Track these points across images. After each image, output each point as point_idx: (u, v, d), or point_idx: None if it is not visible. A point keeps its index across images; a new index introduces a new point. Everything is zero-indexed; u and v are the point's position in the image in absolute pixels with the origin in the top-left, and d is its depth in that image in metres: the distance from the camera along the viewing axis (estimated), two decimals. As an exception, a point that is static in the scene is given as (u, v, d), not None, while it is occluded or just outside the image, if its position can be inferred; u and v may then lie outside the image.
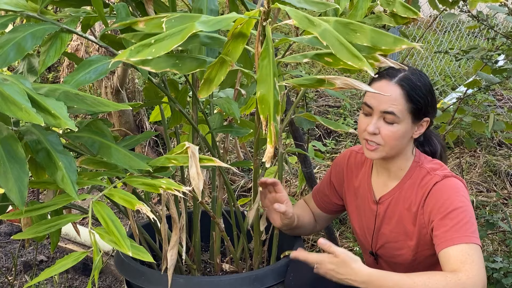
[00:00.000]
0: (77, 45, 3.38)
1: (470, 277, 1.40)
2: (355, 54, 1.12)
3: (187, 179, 1.83)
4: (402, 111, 1.53)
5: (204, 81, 1.30)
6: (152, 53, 1.17)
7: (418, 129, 1.59)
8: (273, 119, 1.17)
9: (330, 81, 1.32)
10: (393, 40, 1.19)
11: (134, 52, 1.18)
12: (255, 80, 1.84)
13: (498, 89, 4.65)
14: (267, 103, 1.17)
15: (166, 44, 1.18)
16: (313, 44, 1.34)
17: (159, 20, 1.32)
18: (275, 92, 1.17)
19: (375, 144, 1.56)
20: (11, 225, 3.00)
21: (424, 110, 1.56)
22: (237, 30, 1.23)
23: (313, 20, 1.17)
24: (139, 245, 1.37)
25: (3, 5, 1.34)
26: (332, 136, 3.92)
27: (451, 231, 1.47)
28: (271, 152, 1.17)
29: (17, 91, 1.15)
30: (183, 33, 1.17)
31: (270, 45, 1.19)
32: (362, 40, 1.19)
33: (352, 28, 1.20)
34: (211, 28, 1.20)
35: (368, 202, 1.71)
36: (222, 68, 1.28)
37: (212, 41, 1.38)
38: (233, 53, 1.26)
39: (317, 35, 1.14)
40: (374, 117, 1.55)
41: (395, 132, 1.54)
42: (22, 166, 1.24)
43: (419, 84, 1.54)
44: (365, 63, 1.11)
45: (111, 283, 2.54)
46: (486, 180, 3.37)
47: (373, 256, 1.74)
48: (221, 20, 1.22)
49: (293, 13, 1.19)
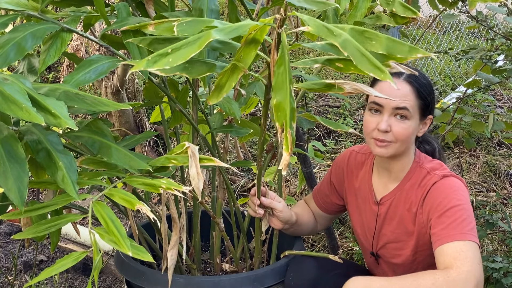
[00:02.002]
0: (77, 45, 3.38)
1: (460, 273, 1.37)
2: (377, 65, 1.12)
3: (187, 179, 1.83)
4: (413, 107, 1.55)
5: (215, 88, 1.30)
6: (169, 63, 1.16)
7: (423, 127, 1.61)
8: (289, 126, 1.17)
9: (340, 86, 1.32)
10: (408, 49, 1.19)
11: (151, 62, 1.17)
12: (254, 80, 1.84)
13: (497, 89, 4.66)
14: (283, 110, 1.17)
15: (183, 53, 1.17)
16: (326, 50, 1.33)
17: (169, 24, 1.31)
18: (291, 99, 1.17)
19: (387, 142, 1.56)
20: (11, 225, 3.00)
21: (430, 107, 1.59)
22: (250, 36, 1.22)
23: (332, 29, 1.16)
24: (139, 245, 1.37)
25: (4, 5, 1.34)
26: (332, 136, 3.92)
27: (448, 228, 1.47)
28: (287, 159, 1.17)
29: (18, 90, 1.15)
30: (200, 41, 1.16)
31: (286, 53, 1.19)
32: (377, 48, 1.19)
33: (367, 36, 1.20)
34: (227, 36, 1.19)
35: (369, 202, 1.71)
36: (234, 74, 1.28)
37: (223, 46, 1.37)
38: (245, 59, 1.25)
39: (337, 45, 1.13)
40: (385, 114, 1.55)
41: (406, 129, 1.54)
42: (22, 166, 1.23)
43: (424, 82, 1.58)
44: (388, 75, 1.11)
45: (111, 283, 2.54)
46: (486, 180, 3.38)
47: (373, 256, 1.74)
48: (238, 28, 1.21)
49: (311, 22, 1.19)
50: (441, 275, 1.38)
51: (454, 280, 1.36)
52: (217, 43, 1.36)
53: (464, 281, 1.36)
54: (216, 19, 1.51)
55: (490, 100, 3.80)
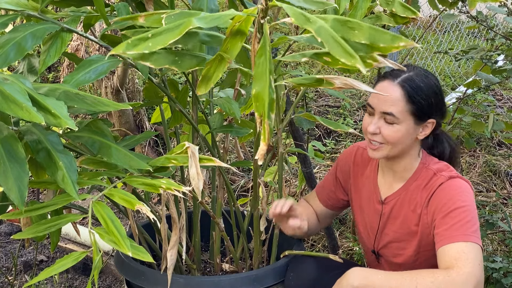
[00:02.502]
0: (77, 45, 3.38)
1: (461, 274, 1.37)
2: (348, 51, 1.11)
3: (187, 179, 1.83)
4: (402, 112, 1.52)
5: (202, 78, 1.30)
6: (149, 47, 1.17)
7: (423, 130, 1.57)
8: (267, 117, 1.16)
9: (329, 81, 1.32)
10: (391, 37, 1.18)
11: (131, 46, 1.18)
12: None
13: (497, 89, 4.66)
14: (262, 100, 1.17)
15: (163, 39, 1.18)
16: (311, 42, 1.33)
17: (159, 16, 1.32)
18: (270, 90, 1.17)
19: (378, 144, 1.56)
20: (11, 225, 3.00)
21: (427, 111, 1.54)
22: (235, 27, 1.23)
23: (309, 17, 1.16)
24: (139, 245, 1.37)
25: (4, 5, 1.34)
26: (332, 136, 3.92)
27: (451, 229, 1.47)
28: (263, 149, 1.17)
29: (18, 90, 1.15)
30: (181, 28, 1.17)
31: (267, 43, 1.19)
32: (359, 38, 1.18)
33: (350, 26, 1.20)
34: (208, 24, 1.20)
35: (373, 201, 1.71)
36: (220, 65, 1.28)
37: (211, 39, 1.38)
38: (231, 50, 1.26)
39: (312, 31, 1.13)
40: (376, 117, 1.55)
41: (395, 132, 1.53)
42: (22, 166, 1.24)
43: (421, 85, 1.53)
44: (358, 60, 1.10)
45: (111, 283, 2.54)
46: (486, 180, 3.38)
47: (374, 255, 1.74)
48: (219, 17, 1.21)
49: (290, 10, 1.19)
50: (441, 274, 1.38)
51: (454, 280, 1.37)
52: (206, 36, 1.37)
53: (463, 282, 1.36)
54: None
55: (490, 100, 3.80)
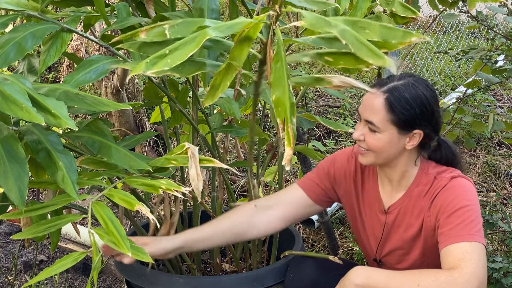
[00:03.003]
0: (77, 45, 3.38)
1: (463, 275, 1.36)
2: (374, 51, 1.12)
3: (187, 179, 1.83)
4: (382, 121, 1.50)
5: (210, 88, 1.29)
6: (168, 64, 1.16)
7: (411, 141, 1.53)
8: (290, 121, 1.17)
9: (328, 80, 1.32)
10: (402, 33, 1.19)
11: (150, 65, 1.17)
12: (254, 80, 1.84)
13: (497, 89, 4.66)
14: (283, 105, 1.17)
15: (181, 53, 1.17)
16: (317, 44, 1.33)
17: (161, 28, 1.31)
18: (290, 94, 1.17)
19: (364, 150, 1.56)
20: (11, 225, 3.00)
21: (412, 122, 1.50)
22: (244, 34, 1.22)
23: (329, 21, 1.17)
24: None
25: (4, 5, 1.34)
26: (332, 136, 3.92)
27: (456, 229, 1.46)
28: (290, 154, 1.17)
29: (18, 90, 1.15)
30: (197, 40, 1.17)
31: (281, 49, 1.20)
32: (372, 36, 1.18)
33: (360, 25, 1.20)
34: (223, 33, 1.20)
35: (375, 211, 1.67)
36: (228, 74, 1.28)
37: (214, 44, 1.37)
38: (238, 57, 1.25)
39: (337, 34, 1.14)
40: (361, 124, 1.55)
41: (377, 140, 1.52)
42: (22, 166, 1.24)
43: (405, 96, 1.48)
44: (385, 59, 1.11)
45: (111, 283, 2.54)
46: (486, 180, 3.38)
47: (376, 262, 1.72)
48: (233, 25, 1.21)
49: (309, 15, 1.19)
50: (444, 274, 1.38)
51: (456, 280, 1.36)
52: (209, 41, 1.37)
53: (465, 282, 1.36)
54: (216, 19, 1.51)
55: (490, 100, 3.80)
